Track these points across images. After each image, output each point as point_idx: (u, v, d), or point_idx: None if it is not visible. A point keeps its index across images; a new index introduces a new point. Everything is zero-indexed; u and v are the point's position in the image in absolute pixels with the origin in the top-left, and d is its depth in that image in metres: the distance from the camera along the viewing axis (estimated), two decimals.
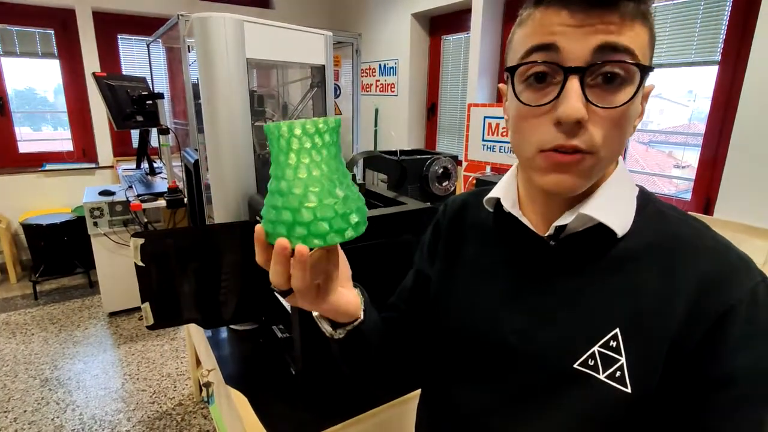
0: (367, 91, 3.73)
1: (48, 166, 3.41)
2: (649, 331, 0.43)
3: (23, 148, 3.43)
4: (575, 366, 0.45)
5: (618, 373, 0.43)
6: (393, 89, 3.43)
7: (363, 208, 0.42)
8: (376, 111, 3.57)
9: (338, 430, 0.83)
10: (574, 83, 0.40)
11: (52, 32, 3.27)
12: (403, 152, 2.01)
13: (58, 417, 1.85)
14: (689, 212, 0.49)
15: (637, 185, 0.50)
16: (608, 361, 0.44)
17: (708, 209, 2.04)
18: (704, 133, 2.00)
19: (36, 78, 3.49)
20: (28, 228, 2.99)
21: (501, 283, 0.54)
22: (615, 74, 0.40)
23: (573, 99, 0.40)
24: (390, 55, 3.43)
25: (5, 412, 1.87)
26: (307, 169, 0.39)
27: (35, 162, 3.45)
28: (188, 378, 2.10)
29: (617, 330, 0.44)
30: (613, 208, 0.46)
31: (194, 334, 1.56)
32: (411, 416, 0.96)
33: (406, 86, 3.30)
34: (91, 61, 3.33)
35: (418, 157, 1.88)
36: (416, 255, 0.69)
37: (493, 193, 0.55)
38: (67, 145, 3.58)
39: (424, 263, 0.65)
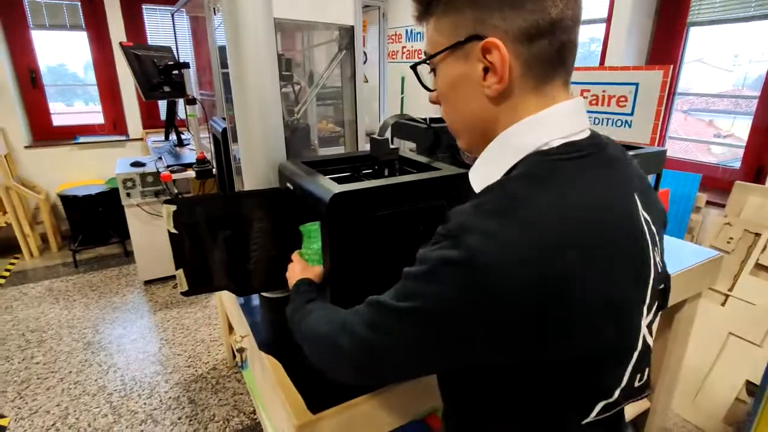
0: (393, 59, 3.62)
1: (81, 139, 3.49)
2: None
3: (57, 121, 3.52)
4: None
5: None
6: (420, 56, 3.31)
7: None
8: (403, 79, 3.48)
9: (374, 396, 0.82)
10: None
11: (79, 3, 3.28)
12: (432, 120, 1.94)
13: (101, 378, 1.94)
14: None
15: (544, 155, 0.48)
16: None
17: (759, 178, 1.91)
18: (759, 98, 1.85)
19: (66, 53, 3.53)
20: (65, 199, 3.09)
21: None
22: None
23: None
24: None
25: (53, 372, 1.98)
26: None
27: (68, 135, 3.53)
28: (221, 344, 2.17)
29: None
30: (478, 168, 0.54)
31: (226, 301, 1.58)
32: None
33: None
34: (117, 32, 3.34)
35: None
36: None
37: None
38: (98, 119, 3.64)
39: None
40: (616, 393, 0.49)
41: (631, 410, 1.51)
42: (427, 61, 0.54)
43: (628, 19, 2.19)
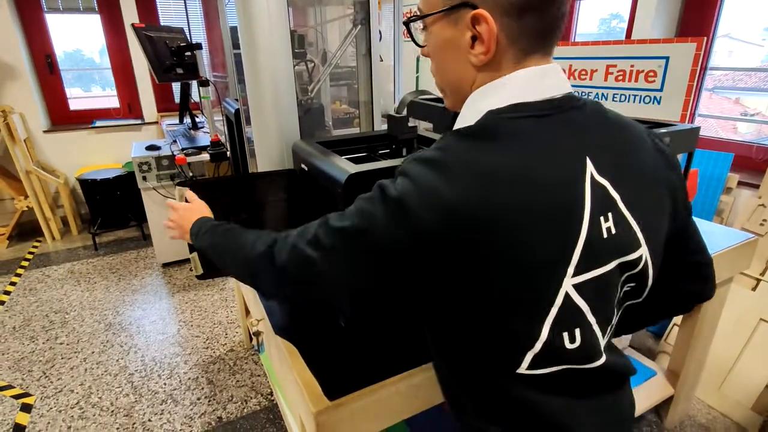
0: (408, 38, 3.52)
1: (98, 123, 3.51)
2: None
3: (74, 105, 3.54)
4: None
5: None
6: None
7: None
8: (418, 58, 3.40)
9: (392, 384, 0.80)
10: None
11: None
12: None
13: (122, 358, 1.98)
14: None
15: (494, 113, 0.52)
16: None
17: None
18: None
19: (81, 38, 3.53)
20: (84, 183, 3.12)
21: None
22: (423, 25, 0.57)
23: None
24: None
25: (76, 352, 2.02)
26: None
27: (86, 119, 3.55)
28: (238, 326, 2.18)
29: None
30: (458, 122, 0.56)
31: (242, 284, 1.58)
32: None
33: None
34: (129, 13, 3.31)
35: None
36: None
37: None
38: (114, 103, 3.65)
39: None
40: (538, 345, 0.51)
41: (653, 397, 1.47)
42: (420, 20, 0.57)
43: None
